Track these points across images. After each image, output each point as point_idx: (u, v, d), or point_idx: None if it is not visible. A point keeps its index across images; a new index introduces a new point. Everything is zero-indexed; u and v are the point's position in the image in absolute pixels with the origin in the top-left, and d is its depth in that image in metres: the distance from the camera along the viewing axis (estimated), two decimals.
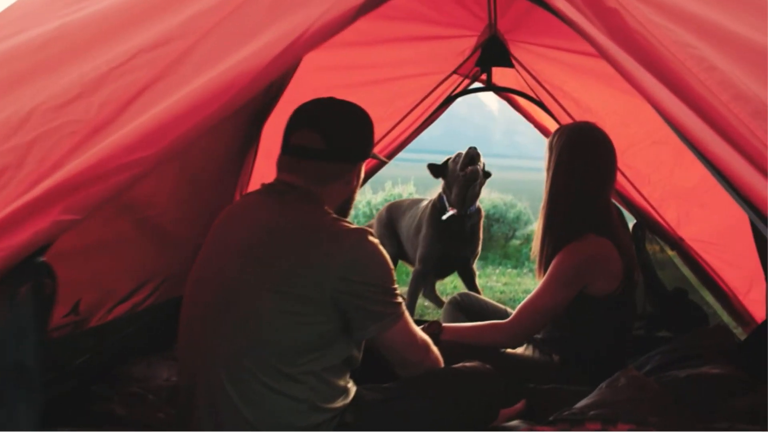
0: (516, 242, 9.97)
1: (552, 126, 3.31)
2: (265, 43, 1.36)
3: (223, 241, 1.87)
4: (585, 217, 2.40)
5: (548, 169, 2.50)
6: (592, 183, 2.42)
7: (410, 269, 4.72)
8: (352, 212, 2.28)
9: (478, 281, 6.01)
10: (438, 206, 4.23)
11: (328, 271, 1.69)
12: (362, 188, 8.67)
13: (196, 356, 1.79)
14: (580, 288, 2.35)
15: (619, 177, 3.27)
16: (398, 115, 3.45)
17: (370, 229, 1.82)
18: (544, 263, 2.50)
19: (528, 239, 10.27)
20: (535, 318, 2.40)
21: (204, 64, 1.36)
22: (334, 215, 1.81)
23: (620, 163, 3.15)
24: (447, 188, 4.19)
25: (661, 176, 3.22)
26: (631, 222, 3.34)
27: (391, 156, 3.54)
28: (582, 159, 2.43)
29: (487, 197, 12.03)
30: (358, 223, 7.35)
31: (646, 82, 1.23)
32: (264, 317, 1.69)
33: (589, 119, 3.12)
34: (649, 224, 3.44)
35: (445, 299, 4.41)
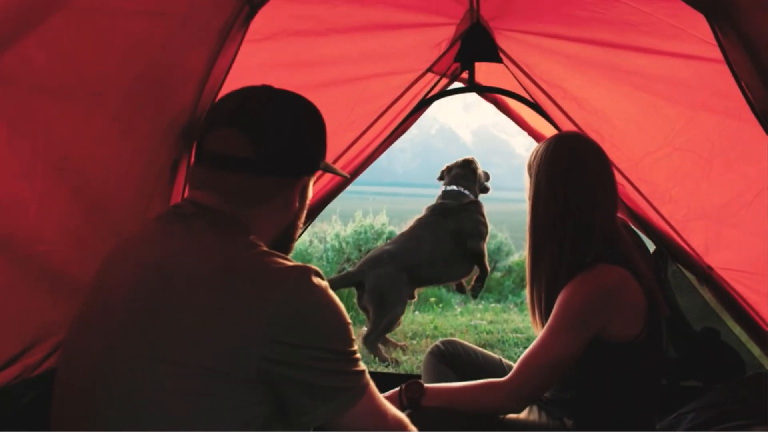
0: (498, 275, 9.94)
1: (551, 133, 2.74)
2: None
3: (102, 292, 1.41)
4: (585, 247, 2.07)
5: (529, 197, 2.20)
6: (583, 206, 2.09)
7: None
8: (320, 246, 1.67)
9: (461, 319, 5.59)
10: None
11: (252, 332, 1.22)
12: (330, 219, 8.24)
13: None
14: (595, 332, 1.99)
15: (632, 194, 2.85)
16: (361, 124, 2.99)
17: (315, 268, 1.35)
18: (540, 310, 2.19)
19: (510, 271, 10.27)
20: (541, 373, 2.01)
21: None
22: (265, 249, 1.36)
23: (634, 177, 2.73)
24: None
25: (686, 191, 2.77)
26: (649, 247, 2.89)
27: (353, 175, 2.94)
28: (564, 177, 2.11)
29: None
30: (326, 262, 6.98)
31: None
32: (154, 403, 1.22)
33: (596, 123, 2.70)
34: (671, 250, 2.99)
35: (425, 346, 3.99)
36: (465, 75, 3.04)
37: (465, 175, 5.33)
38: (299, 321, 1.25)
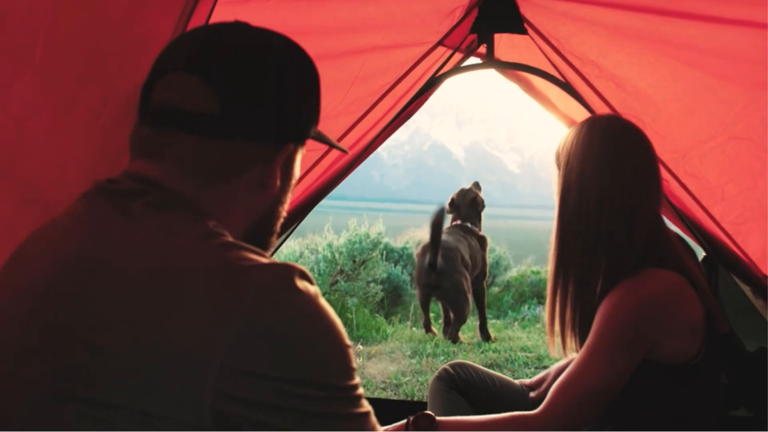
0: (495, 289, 9.68)
1: (583, 118, 2.35)
2: None
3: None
4: (625, 250, 1.82)
5: (557, 193, 1.97)
6: (622, 200, 1.85)
7: None
8: (312, 258, 1.39)
9: (462, 336, 5.51)
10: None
11: (205, 358, 0.85)
12: (322, 230, 7.92)
13: None
14: (646, 351, 1.75)
15: (678, 191, 2.58)
16: (359, 107, 2.62)
17: (300, 267, 0.98)
18: (572, 327, 1.93)
19: (509, 286, 10.09)
20: (582, 404, 1.74)
21: None
22: (229, 240, 0.99)
23: (680, 171, 2.55)
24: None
25: (741, 188, 2.43)
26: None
27: (350, 168, 2.59)
28: (599, 165, 1.87)
29: None
30: (318, 275, 6.63)
31: None
32: None
33: (636, 106, 2.55)
34: (722, 257, 2.65)
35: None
36: (482, 49, 2.67)
37: (473, 213, 6.51)
38: (275, 342, 0.88)
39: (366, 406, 0.98)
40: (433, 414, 1.84)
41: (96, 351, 0.86)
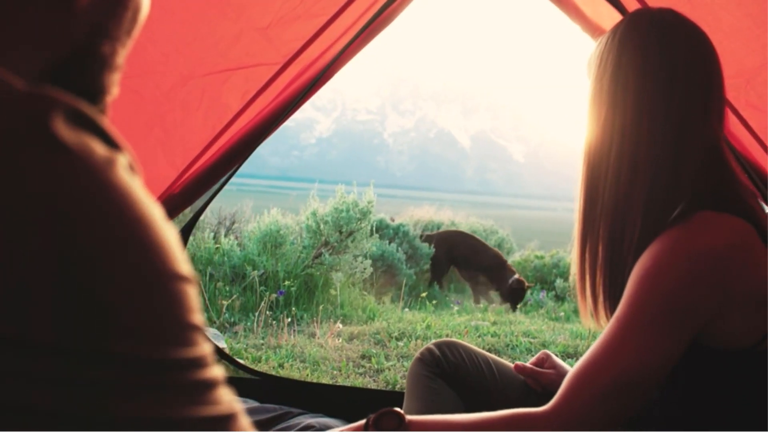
0: None
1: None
2: None
3: None
4: (675, 186, 1.37)
5: (587, 113, 1.51)
6: (679, 101, 1.37)
7: None
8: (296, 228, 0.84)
9: (458, 319, 5.01)
10: None
11: None
12: (307, 195, 7.47)
13: None
14: (698, 326, 1.28)
15: (736, 127, 1.95)
16: (326, 8, 2.02)
17: (72, 101, 0.49)
18: (605, 293, 1.46)
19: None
20: (608, 399, 1.27)
21: None
22: None
23: (741, 100, 2.08)
24: None
25: None
26: None
27: (322, 78, 1.99)
28: (643, 69, 1.39)
29: (465, 221, 11.28)
30: (302, 247, 6.11)
31: None
32: None
33: (690, 12, 1.84)
34: None
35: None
36: None
37: None
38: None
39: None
40: (401, 411, 1.39)
41: None
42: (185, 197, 2.33)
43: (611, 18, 2.00)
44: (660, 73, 1.39)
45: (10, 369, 0.42)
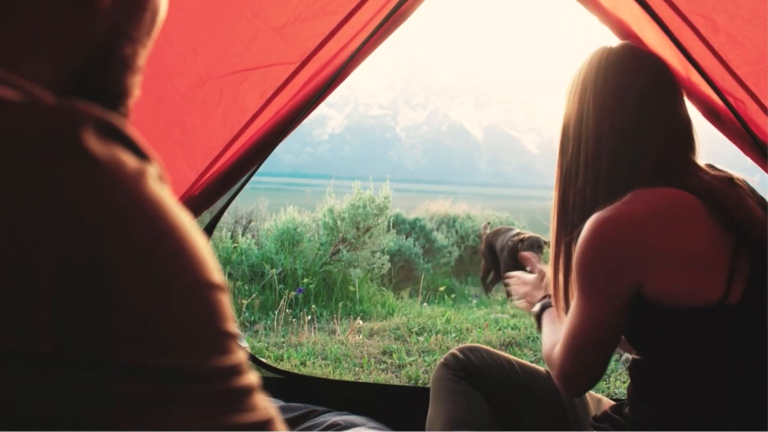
0: None
1: (636, 15, 1.72)
2: None
3: None
4: (638, 179, 1.51)
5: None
6: (628, 121, 1.54)
7: None
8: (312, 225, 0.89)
9: (477, 312, 4.96)
10: None
11: None
12: (322, 191, 7.43)
13: None
14: (629, 286, 1.42)
15: (758, 116, 2.03)
16: (343, 4, 2.01)
17: (104, 114, 0.49)
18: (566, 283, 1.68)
19: None
20: (584, 361, 1.53)
21: None
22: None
23: (762, 88, 1.84)
24: None
25: None
26: None
27: (337, 78, 1.96)
28: (600, 89, 1.58)
29: (480, 214, 11.22)
30: (319, 244, 6.10)
31: None
32: None
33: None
34: None
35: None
36: None
37: None
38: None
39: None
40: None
41: None
42: (205, 199, 2.31)
43: (630, 9, 1.96)
44: (616, 92, 1.56)
45: (48, 385, 0.42)
